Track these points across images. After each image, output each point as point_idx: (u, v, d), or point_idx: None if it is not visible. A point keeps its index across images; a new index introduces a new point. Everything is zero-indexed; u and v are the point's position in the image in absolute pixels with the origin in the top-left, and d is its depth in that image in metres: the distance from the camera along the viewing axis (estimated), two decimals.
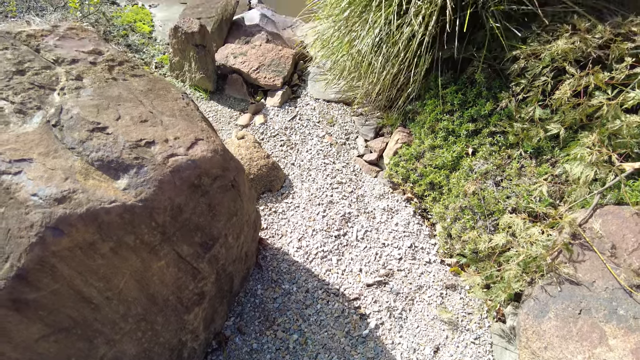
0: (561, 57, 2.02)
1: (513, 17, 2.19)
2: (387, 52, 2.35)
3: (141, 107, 1.45)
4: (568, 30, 2.01)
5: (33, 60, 1.43)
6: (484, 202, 2.04)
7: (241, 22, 3.32)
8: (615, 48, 1.94)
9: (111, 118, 1.34)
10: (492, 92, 2.23)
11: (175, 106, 1.56)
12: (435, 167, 2.27)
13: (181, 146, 1.37)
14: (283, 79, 2.92)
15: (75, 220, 1.12)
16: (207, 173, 1.42)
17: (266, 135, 2.69)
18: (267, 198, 2.37)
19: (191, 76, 2.90)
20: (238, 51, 3.01)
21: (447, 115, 2.29)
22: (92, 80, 1.46)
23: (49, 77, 1.41)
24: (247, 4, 3.81)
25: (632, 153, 1.86)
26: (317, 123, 2.76)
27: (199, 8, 3.68)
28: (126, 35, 3.59)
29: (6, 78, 1.33)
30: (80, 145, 1.24)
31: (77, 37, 1.63)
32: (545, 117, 2.07)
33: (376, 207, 2.34)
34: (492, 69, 2.29)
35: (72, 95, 1.37)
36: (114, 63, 1.60)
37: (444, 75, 2.36)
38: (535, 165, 2.09)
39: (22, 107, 1.29)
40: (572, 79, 1.99)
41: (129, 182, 1.23)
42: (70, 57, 1.52)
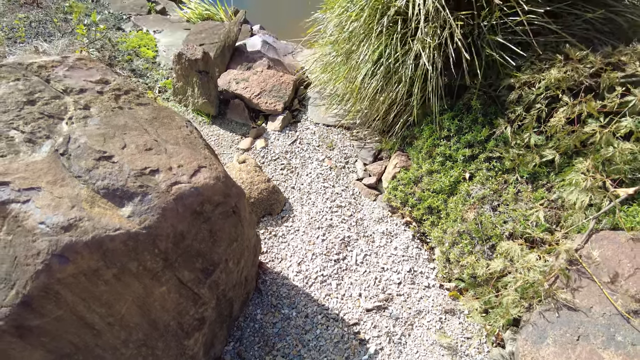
0: (555, 86, 2.09)
1: (508, 46, 2.26)
2: (384, 80, 2.42)
3: (146, 135, 1.49)
4: (561, 60, 2.08)
5: (43, 90, 1.48)
6: (481, 226, 2.07)
7: (243, 48, 3.41)
8: (606, 77, 2.00)
9: (117, 147, 1.38)
10: (488, 119, 2.28)
11: (179, 134, 1.60)
12: (433, 191, 2.30)
13: (184, 174, 1.41)
14: (284, 104, 2.98)
15: (80, 247, 1.14)
16: (209, 200, 1.45)
17: (267, 159, 2.74)
18: (267, 221, 2.40)
19: (194, 101, 2.97)
20: (240, 77, 3.08)
21: (444, 141, 2.34)
22: (99, 110, 1.51)
23: (58, 107, 1.46)
24: (249, 31, 3.91)
25: (626, 179, 1.90)
26: (317, 147, 2.82)
27: (202, 34, 3.78)
28: (131, 60, 3.68)
29: (17, 108, 1.38)
30: (87, 173, 1.28)
31: (85, 67, 1.69)
32: (541, 144, 2.12)
33: (375, 231, 2.36)
34: (487, 96, 2.35)
35: (79, 124, 1.42)
36: (120, 92, 1.65)
37: (441, 101, 2.42)
38: (532, 190, 2.13)
39: (32, 136, 1.33)
40: (565, 106, 2.04)
41: (134, 210, 1.27)
42: (79, 87, 1.57)
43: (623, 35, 2.34)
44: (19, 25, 4.06)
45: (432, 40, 2.18)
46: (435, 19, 2.19)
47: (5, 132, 1.31)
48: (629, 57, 2.04)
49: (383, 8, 2.35)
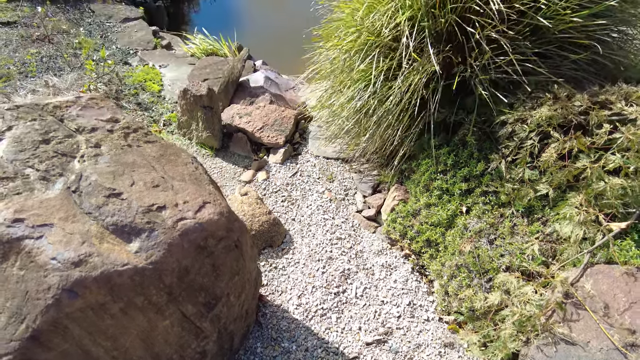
0: (546, 123, 2.17)
1: (500, 84, 2.36)
2: (378, 115, 2.51)
3: (153, 172, 1.56)
4: (550, 99, 2.17)
5: (57, 129, 1.56)
6: (478, 260, 2.10)
7: (246, 83, 3.54)
8: (594, 115, 2.09)
9: (126, 184, 1.45)
10: (483, 154, 2.36)
11: (185, 171, 1.67)
12: (431, 224, 2.35)
13: (190, 210, 1.47)
14: (285, 137, 3.07)
15: (89, 282, 1.19)
16: (212, 235, 1.50)
17: (268, 191, 2.80)
18: (268, 253, 2.43)
19: (198, 134, 3.06)
20: (243, 111, 3.19)
21: (441, 175, 2.41)
22: (109, 148, 1.58)
23: (71, 145, 1.53)
24: (252, 67, 4.06)
25: (618, 213, 1.95)
26: (317, 179, 2.88)
27: (207, 69, 3.92)
28: (136, 94, 3.81)
29: (33, 147, 1.45)
30: (97, 210, 1.34)
31: (97, 106, 1.77)
32: (535, 178, 2.18)
33: (375, 264, 2.39)
34: (482, 131, 2.43)
35: (91, 162, 1.49)
36: (129, 130, 1.73)
37: (437, 137, 2.51)
38: (527, 224, 2.18)
39: (46, 174, 1.40)
40: (556, 142, 2.12)
41: (141, 246, 1.32)
42: (90, 126, 1.65)
43: (609, 74, 2.45)
44: (30, 60, 4.22)
45: (418, 77, 2.28)
46: (423, 57, 2.30)
47: (21, 170, 1.37)
48: (615, 97, 2.13)
49: (372, 46, 2.46)
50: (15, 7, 5.17)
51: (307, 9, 3.10)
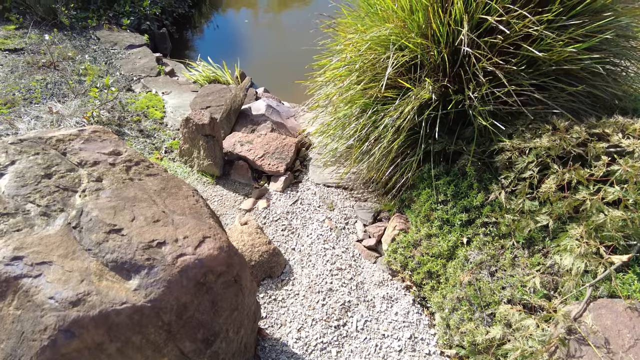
0: (544, 154, 2.19)
1: (498, 115, 2.39)
2: (376, 144, 2.53)
3: (154, 206, 1.56)
4: (548, 130, 2.20)
5: (60, 163, 1.57)
6: (480, 292, 2.08)
7: (248, 111, 3.58)
8: (592, 147, 2.11)
9: (126, 219, 1.45)
10: (482, 184, 2.37)
11: (185, 204, 1.67)
12: (432, 255, 2.34)
13: (190, 245, 1.46)
14: (286, 165, 3.09)
15: (87, 322, 1.18)
16: (212, 270, 1.49)
17: (268, 219, 2.80)
18: (267, 285, 2.41)
19: (199, 162, 3.08)
20: (245, 139, 3.22)
21: (441, 205, 2.41)
22: (110, 182, 1.59)
23: (73, 180, 1.54)
24: (254, 94, 4.12)
25: (619, 245, 1.95)
26: (317, 207, 2.89)
27: (209, 97, 3.98)
28: (139, 121, 3.85)
29: (35, 182, 1.46)
30: (97, 246, 1.34)
31: (99, 139, 1.79)
32: (534, 209, 2.18)
33: (376, 295, 2.37)
34: (481, 161, 2.45)
35: (92, 197, 1.49)
36: (131, 163, 1.74)
37: (437, 166, 2.52)
38: (528, 255, 2.17)
39: (47, 209, 1.40)
40: (555, 174, 2.13)
41: (140, 283, 1.31)
42: (93, 159, 1.66)
43: (606, 105, 2.49)
44: (35, 87, 4.29)
45: (411, 106, 2.31)
46: (419, 86, 2.34)
47: (22, 206, 1.38)
48: (611, 129, 2.15)
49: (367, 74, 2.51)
50: (23, 34, 5.29)
51: (309, 37, 3.17)
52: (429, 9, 2.24)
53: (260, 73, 5.44)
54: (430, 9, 2.24)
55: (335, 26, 2.92)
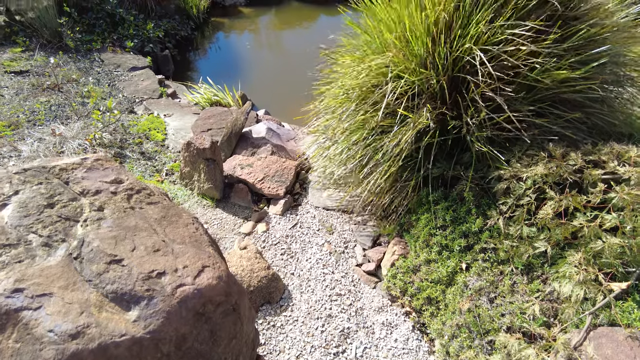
0: (541, 180, 2.21)
1: (496, 141, 2.42)
2: (375, 168, 2.56)
3: (155, 236, 1.58)
4: (545, 158, 2.23)
5: (62, 193, 1.60)
6: (479, 319, 2.08)
7: (249, 134, 3.63)
8: (588, 174, 2.13)
9: (127, 249, 1.46)
10: (481, 209, 2.38)
11: (185, 232, 1.69)
12: (431, 281, 2.34)
13: (189, 275, 1.47)
14: (286, 188, 3.12)
15: (86, 355, 1.18)
16: (211, 300, 1.50)
17: (267, 243, 2.81)
18: (266, 311, 2.40)
19: (200, 185, 3.10)
20: (245, 162, 3.25)
21: (440, 231, 2.42)
22: (112, 211, 1.61)
23: (75, 209, 1.56)
24: (255, 117, 4.17)
25: (618, 272, 1.95)
26: (316, 231, 2.90)
27: (211, 120, 4.03)
28: (141, 143, 3.89)
29: (38, 212, 1.48)
30: (97, 277, 1.35)
31: (101, 167, 1.82)
32: (533, 235, 2.19)
33: (375, 322, 2.36)
34: (479, 187, 2.47)
35: (93, 226, 1.51)
36: (133, 192, 1.77)
37: (435, 191, 2.54)
38: (527, 282, 2.17)
39: (49, 240, 1.42)
40: (553, 201, 2.15)
41: (139, 314, 1.31)
42: (95, 189, 1.68)
43: (601, 130, 2.52)
44: (39, 109, 4.35)
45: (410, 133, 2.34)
46: (417, 113, 2.38)
47: (24, 237, 1.40)
48: (607, 156, 2.18)
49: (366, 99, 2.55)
50: (29, 56, 5.38)
51: (310, 60, 3.24)
52: (428, 42, 2.30)
53: (261, 95, 5.51)
54: (429, 40, 2.30)
55: (335, 54, 2.98)
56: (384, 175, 2.48)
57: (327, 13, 7.98)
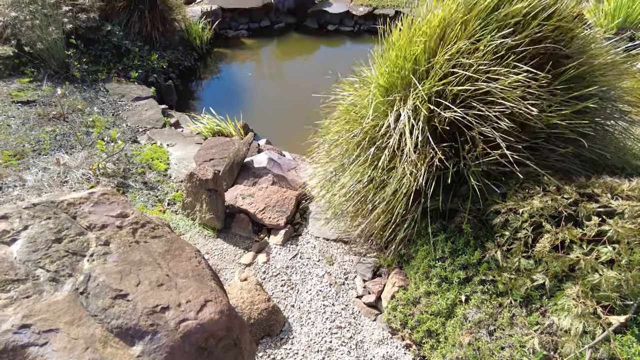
0: (537, 214, 2.25)
1: (492, 174, 2.48)
2: (375, 201, 2.61)
3: (159, 270, 1.61)
4: (539, 192, 2.28)
5: (70, 227, 1.64)
6: (479, 353, 2.08)
7: (250, 164, 3.70)
8: (582, 207, 2.18)
9: (132, 284, 1.49)
10: (479, 241, 2.42)
11: (188, 266, 1.72)
12: (431, 313, 2.35)
13: (192, 310, 1.50)
14: (286, 218, 3.16)
15: None
16: (213, 335, 1.52)
17: (268, 274, 2.83)
18: (266, 344, 2.40)
19: (201, 216, 3.14)
20: (246, 192, 3.30)
21: (439, 262, 2.45)
22: (117, 245, 1.65)
23: (82, 244, 1.60)
24: (256, 147, 4.25)
25: (616, 306, 1.97)
26: (317, 262, 2.92)
27: (213, 149, 4.11)
28: (143, 173, 3.95)
29: (46, 247, 1.52)
30: (103, 312, 1.37)
31: (107, 201, 1.87)
32: (530, 267, 2.22)
33: (376, 355, 2.35)
34: (477, 219, 2.51)
35: (99, 261, 1.55)
36: (137, 225, 1.81)
37: (434, 223, 2.58)
38: (526, 314, 2.18)
39: (56, 274, 1.45)
40: (549, 234, 2.19)
41: (143, 349, 1.33)
42: (101, 223, 1.73)
43: (595, 163, 2.59)
44: (45, 139, 4.43)
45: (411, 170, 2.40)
46: (421, 150, 2.44)
47: (32, 272, 1.43)
48: (600, 190, 2.24)
49: (371, 139, 2.63)
50: (36, 86, 5.51)
51: (311, 89, 3.34)
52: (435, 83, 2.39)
53: (262, 123, 5.63)
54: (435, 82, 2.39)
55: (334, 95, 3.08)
56: (385, 208, 2.53)
57: (326, 44, 8.22)
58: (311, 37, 8.40)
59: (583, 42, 2.53)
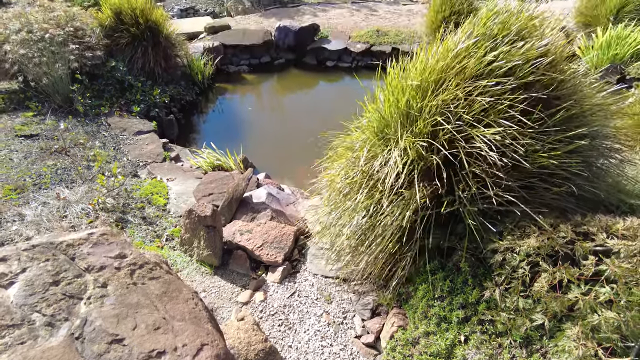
0: (534, 253, 2.26)
1: (488, 213, 2.50)
2: (372, 240, 2.62)
3: (156, 313, 1.60)
4: (535, 231, 2.30)
5: (68, 269, 1.64)
6: None
7: (249, 199, 3.72)
8: (579, 247, 2.18)
9: (129, 327, 1.49)
10: (477, 280, 2.41)
11: (185, 308, 1.71)
12: (430, 354, 2.31)
13: (188, 354, 1.49)
14: (284, 255, 3.15)
15: None
16: None
17: (265, 313, 2.79)
18: None
19: (199, 252, 3.14)
20: (245, 228, 3.31)
21: (438, 302, 2.43)
22: (115, 287, 1.65)
23: (79, 286, 1.60)
24: (255, 182, 4.29)
25: (617, 347, 1.95)
26: (315, 300, 2.89)
27: (212, 184, 4.14)
28: (143, 208, 3.97)
29: (43, 290, 1.52)
30: (98, 358, 1.36)
31: (106, 242, 1.88)
32: (529, 307, 2.20)
33: None
34: (474, 257, 2.52)
35: (97, 304, 1.54)
36: (135, 267, 1.81)
37: (432, 261, 2.58)
38: (526, 355, 2.15)
39: (52, 319, 1.44)
40: (546, 273, 2.19)
41: None
42: (99, 264, 1.73)
43: (591, 202, 2.62)
44: (46, 172, 4.47)
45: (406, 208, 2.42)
46: (412, 189, 2.47)
47: (28, 316, 1.43)
48: (596, 228, 2.25)
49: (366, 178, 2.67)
50: (40, 120, 5.60)
51: (310, 123, 3.41)
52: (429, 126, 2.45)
53: (261, 156, 5.70)
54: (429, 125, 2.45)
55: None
56: (383, 246, 2.54)
57: (325, 80, 8.43)
58: (310, 72, 8.63)
59: (572, 85, 2.61)
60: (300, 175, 5.39)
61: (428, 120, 2.45)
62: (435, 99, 2.47)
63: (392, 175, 2.47)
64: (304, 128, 6.44)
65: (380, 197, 2.54)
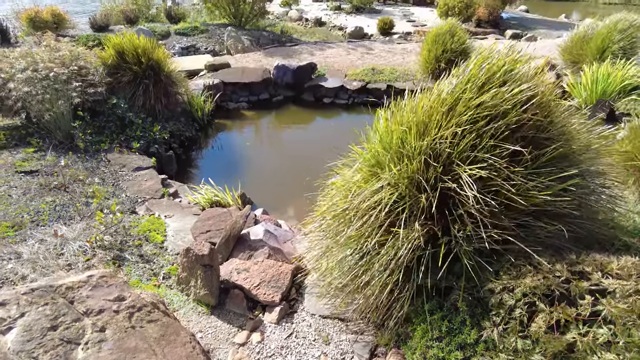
0: (531, 292, 2.27)
1: (484, 252, 2.52)
2: (368, 279, 2.62)
3: (153, 357, 1.60)
4: (531, 271, 2.32)
5: (67, 314, 1.65)
6: None
7: (247, 237, 3.73)
8: (574, 286, 2.20)
9: None
10: (475, 320, 2.40)
11: (183, 352, 1.71)
12: None
13: None
14: (281, 294, 3.13)
15: None
16: None
17: (262, 355, 2.75)
18: None
19: (196, 291, 3.12)
20: (242, 267, 3.31)
21: (437, 342, 2.42)
22: (113, 331, 1.65)
23: (77, 331, 1.60)
24: (253, 218, 4.31)
25: None
26: (312, 341, 2.86)
27: (210, 221, 4.16)
28: (140, 245, 3.97)
29: (41, 335, 1.52)
30: None
31: (106, 284, 1.89)
32: (528, 348, 2.19)
33: None
34: (472, 296, 2.52)
35: (94, 349, 1.54)
36: (134, 309, 1.82)
37: (430, 300, 2.58)
38: None
39: None
40: (543, 313, 2.19)
41: None
42: (98, 307, 1.74)
43: (584, 239, 2.65)
44: (44, 209, 4.48)
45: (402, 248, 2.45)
46: (407, 229, 2.50)
47: None
48: (591, 268, 2.28)
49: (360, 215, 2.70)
50: (40, 156, 5.66)
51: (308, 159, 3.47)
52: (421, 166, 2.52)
53: (259, 192, 5.75)
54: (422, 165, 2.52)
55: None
56: (380, 286, 2.54)
57: (322, 116, 8.62)
58: (308, 109, 8.83)
59: (562, 126, 2.71)
60: (298, 211, 5.42)
61: (416, 158, 2.52)
62: (424, 139, 2.55)
63: (382, 214, 2.51)
64: (302, 163, 6.53)
65: (370, 234, 2.57)
